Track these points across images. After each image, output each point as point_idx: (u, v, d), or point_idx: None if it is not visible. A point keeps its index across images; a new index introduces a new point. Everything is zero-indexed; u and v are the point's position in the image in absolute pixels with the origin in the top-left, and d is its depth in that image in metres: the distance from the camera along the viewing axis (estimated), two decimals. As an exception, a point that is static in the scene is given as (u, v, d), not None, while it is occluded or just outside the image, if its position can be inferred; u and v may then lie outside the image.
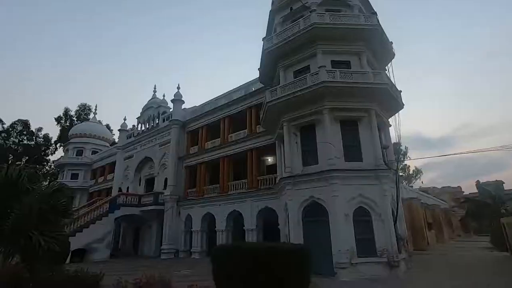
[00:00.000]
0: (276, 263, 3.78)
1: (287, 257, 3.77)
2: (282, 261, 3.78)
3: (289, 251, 3.84)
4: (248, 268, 3.70)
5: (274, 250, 3.81)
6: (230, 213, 18.16)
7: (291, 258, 3.79)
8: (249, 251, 3.78)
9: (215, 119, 21.65)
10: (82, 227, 19.30)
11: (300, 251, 3.98)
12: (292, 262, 3.77)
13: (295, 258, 3.81)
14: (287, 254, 3.80)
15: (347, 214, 10.98)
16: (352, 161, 11.85)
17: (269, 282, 3.69)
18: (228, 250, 4.20)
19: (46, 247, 6.41)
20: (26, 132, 43.77)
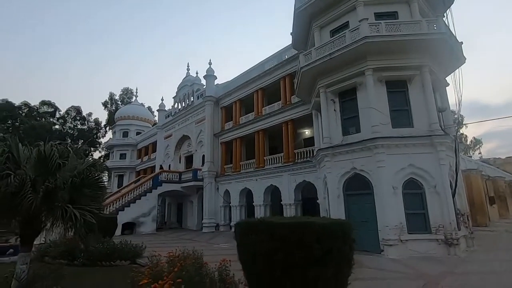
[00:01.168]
0: (307, 241, 3.06)
1: (320, 234, 3.01)
2: (314, 239, 3.04)
3: (322, 227, 3.06)
4: (271, 247, 3.04)
5: (304, 226, 3.07)
6: (267, 187, 17.79)
7: (325, 235, 3.01)
8: (272, 226, 3.10)
9: (248, 93, 20.90)
10: (129, 202, 20.56)
11: (338, 226, 3.16)
12: (327, 240, 3.01)
13: (330, 235, 3.02)
14: (320, 231, 3.03)
15: (395, 187, 9.79)
16: (401, 127, 10.39)
17: (300, 264, 3.00)
18: (249, 225, 3.57)
19: (82, 220, 6.47)
20: (79, 118, 47.60)
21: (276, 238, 3.20)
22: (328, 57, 11.32)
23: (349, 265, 3.55)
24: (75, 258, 10.33)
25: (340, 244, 3.34)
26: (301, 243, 3.14)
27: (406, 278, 6.79)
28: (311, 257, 3.14)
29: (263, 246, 3.28)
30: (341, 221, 3.62)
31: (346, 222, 3.69)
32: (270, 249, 3.22)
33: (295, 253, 3.13)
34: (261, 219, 3.73)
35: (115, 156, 38.48)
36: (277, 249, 3.18)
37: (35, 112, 43.41)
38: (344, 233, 3.43)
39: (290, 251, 3.15)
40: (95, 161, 7.99)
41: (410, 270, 7.55)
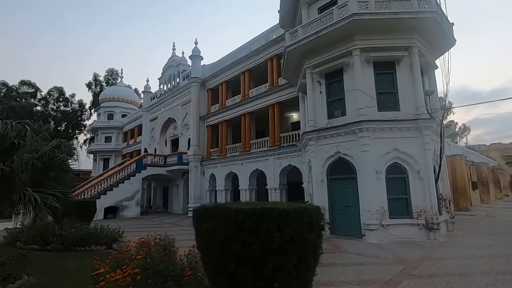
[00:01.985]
0: (267, 228, 2.71)
1: (281, 221, 2.67)
2: (274, 226, 2.69)
3: (283, 213, 2.70)
4: (226, 235, 2.68)
5: (262, 212, 2.71)
6: (253, 172, 17.49)
7: (287, 222, 2.67)
8: (228, 212, 2.72)
9: (235, 74, 20.17)
10: (112, 186, 20.03)
11: (303, 212, 2.81)
12: (289, 227, 2.67)
13: (293, 222, 2.67)
14: (281, 217, 2.68)
15: (379, 172, 9.59)
16: (387, 111, 10.09)
17: (258, 254, 2.65)
18: (205, 211, 3.18)
19: (42, 203, 6.00)
20: (62, 99, 45.74)
21: (231, 225, 2.84)
22: (314, 36, 10.75)
23: (315, 254, 3.23)
24: (48, 243, 9.91)
25: (305, 232, 3.00)
26: (259, 231, 2.78)
27: (384, 263, 6.65)
28: (271, 247, 2.79)
29: (218, 234, 2.92)
30: (307, 206, 3.26)
31: (314, 207, 3.34)
32: (225, 238, 2.86)
33: (253, 242, 2.77)
34: (217, 204, 3.35)
35: (100, 139, 37.42)
36: (232, 237, 2.82)
37: (14, 93, 41.43)
38: (311, 219, 3.08)
39: (247, 240, 2.79)
40: (60, 142, 7.43)
41: (389, 255, 7.44)
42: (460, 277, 5.50)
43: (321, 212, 3.38)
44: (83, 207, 13.28)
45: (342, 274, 5.85)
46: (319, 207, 3.42)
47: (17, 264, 6.32)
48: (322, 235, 3.39)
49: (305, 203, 12.40)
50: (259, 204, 3.16)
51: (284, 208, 2.90)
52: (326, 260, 7.01)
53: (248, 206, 2.94)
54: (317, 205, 3.54)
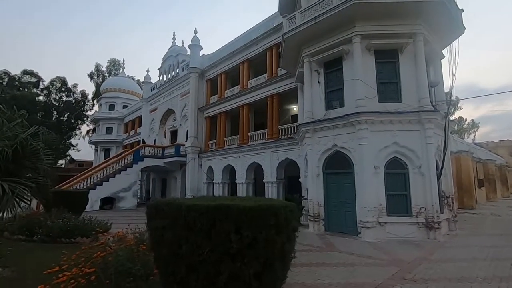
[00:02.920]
0: (222, 229, 2.25)
1: (240, 221, 2.21)
2: (231, 227, 2.23)
3: (244, 211, 2.24)
4: (175, 236, 2.23)
5: (217, 210, 2.25)
6: (250, 165, 17.05)
7: (247, 222, 2.21)
8: (178, 209, 2.28)
9: (234, 64, 19.59)
10: (109, 177, 19.80)
11: (269, 211, 2.35)
12: (250, 228, 2.21)
13: (256, 222, 2.21)
14: (240, 216, 2.22)
15: (377, 166, 9.06)
16: (388, 102, 9.49)
17: (211, 259, 2.20)
18: (156, 206, 2.73)
19: (10, 193, 5.63)
20: (64, 89, 45.57)
21: (181, 224, 2.39)
22: (313, 21, 10.13)
23: (284, 261, 2.77)
24: (34, 234, 9.68)
25: (271, 234, 2.54)
26: (212, 232, 2.32)
27: (377, 264, 6.18)
28: (227, 251, 2.33)
29: (167, 234, 2.47)
30: (276, 203, 2.79)
31: (285, 204, 2.87)
32: (174, 239, 2.41)
33: (205, 245, 2.31)
34: (170, 200, 2.90)
35: (101, 130, 37.29)
36: (182, 239, 2.37)
37: (17, 82, 41.38)
38: (278, 219, 2.61)
39: (198, 243, 2.33)
40: (37, 129, 7.06)
41: (384, 255, 6.97)
42: (458, 283, 5.01)
43: (294, 210, 2.91)
44: (74, 198, 13.05)
45: (329, 276, 5.41)
46: (292, 204, 2.96)
47: (-9, 256, 6.03)
48: (294, 238, 2.93)
49: (302, 198, 12.02)
50: (219, 199, 2.69)
51: (245, 206, 2.44)
52: (315, 259, 6.60)
53: (201, 202, 2.48)
54: (290, 202, 3.06)
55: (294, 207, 2.95)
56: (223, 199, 2.75)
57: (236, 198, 3.30)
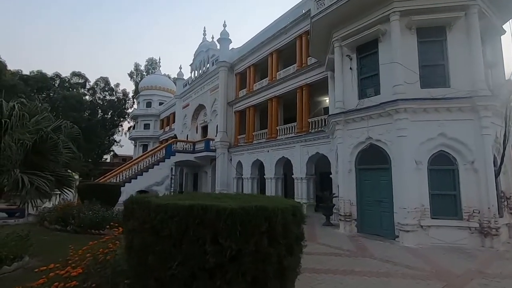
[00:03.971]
0: (196, 236, 1.72)
1: (218, 226, 1.65)
2: (208, 233, 1.68)
3: (225, 213, 1.69)
4: (143, 241, 1.75)
5: (190, 210, 1.73)
6: (279, 159, 16.39)
7: (229, 228, 1.64)
8: (147, 208, 1.79)
9: (263, 56, 18.95)
10: (142, 171, 20.47)
11: (259, 213, 1.76)
12: (235, 236, 1.65)
13: (242, 228, 1.64)
14: (218, 221, 1.67)
15: (419, 162, 7.91)
16: (432, 87, 8.21)
17: (182, 274, 1.68)
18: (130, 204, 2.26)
19: (28, 185, 5.69)
20: (107, 89, 48.51)
21: (147, 228, 1.89)
22: (343, 0, 9.11)
23: (283, 279, 2.15)
24: (68, 224, 10.14)
25: (262, 245, 1.93)
26: (183, 239, 1.79)
27: (416, 277, 5.24)
28: (202, 265, 1.78)
29: (136, 239, 1.99)
30: (272, 204, 2.15)
31: (285, 206, 2.23)
32: (141, 246, 1.93)
33: (174, 257, 1.79)
34: (143, 196, 2.41)
35: (139, 126, 39.13)
36: (149, 246, 1.87)
37: (67, 83, 44.93)
38: (272, 225, 2.00)
39: (167, 253, 1.82)
40: (61, 124, 7.16)
41: (426, 265, 5.95)
42: (526, 308, 3.96)
43: (298, 213, 2.27)
44: (107, 191, 13.53)
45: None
46: (295, 206, 2.32)
47: (17, 245, 6.21)
48: (299, 249, 2.30)
49: (333, 195, 11.13)
50: (203, 198, 2.16)
51: (225, 207, 1.86)
52: (342, 266, 5.83)
53: (174, 201, 1.95)
54: (295, 203, 2.42)
55: (298, 209, 2.31)
56: (207, 198, 2.21)
57: (226, 196, 2.75)
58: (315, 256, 6.47)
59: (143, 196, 2.45)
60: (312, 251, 6.95)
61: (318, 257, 6.44)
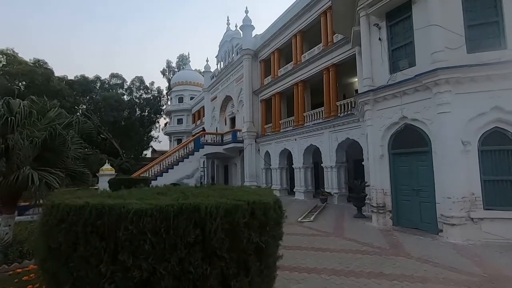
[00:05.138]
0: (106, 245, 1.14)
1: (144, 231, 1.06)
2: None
3: (147, 214, 1.12)
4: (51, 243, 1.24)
5: (99, 210, 1.15)
6: (307, 148, 15.47)
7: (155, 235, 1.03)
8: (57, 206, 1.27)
9: (286, 39, 17.91)
10: (173, 164, 20.84)
11: (192, 214, 1.13)
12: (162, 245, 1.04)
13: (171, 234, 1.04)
14: (141, 224, 1.08)
15: (466, 142, 6.59)
16: (482, 51, 6.74)
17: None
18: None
19: (38, 182, 5.68)
20: (142, 87, 50.64)
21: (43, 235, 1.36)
22: (367, -40, 7.87)
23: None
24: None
25: (191, 260, 1.31)
26: (75, 255, 1.23)
27: (462, 283, 4.22)
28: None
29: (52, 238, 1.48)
30: (201, 201, 1.47)
31: (245, 201, 1.56)
32: (41, 256, 1.41)
33: (65, 280, 1.24)
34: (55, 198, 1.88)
35: (173, 121, 40.32)
36: (44, 260, 1.35)
37: (106, 85, 47.73)
38: (208, 231, 1.35)
39: (55, 274, 1.27)
40: (71, 119, 7.14)
41: (476, 267, 4.85)
42: None
43: (263, 211, 1.59)
44: (136, 184, 13.82)
45: (383, 297, 3.81)
46: (261, 201, 1.63)
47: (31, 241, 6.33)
48: (260, 268, 1.61)
49: (364, 184, 10.05)
50: (128, 195, 1.57)
51: (130, 207, 1.27)
52: (370, 266, 4.96)
53: (74, 200, 1.39)
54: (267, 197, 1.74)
55: (264, 207, 1.63)
56: (149, 194, 1.63)
57: (175, 191, 2.14)
58: (338, 254, 5.69)
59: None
60: (335, 247, 6.17)
61: (341, 255, 5.64)
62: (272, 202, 1.79)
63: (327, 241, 6.76)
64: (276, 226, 1.81)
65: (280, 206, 1.88)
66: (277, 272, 4.71)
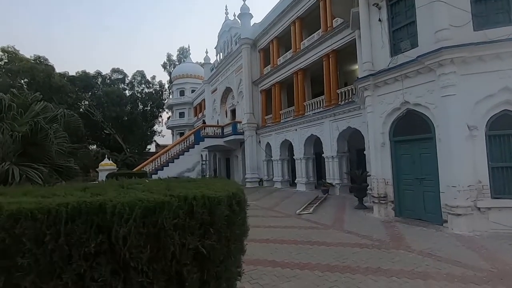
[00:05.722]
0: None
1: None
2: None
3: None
4: None
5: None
6: (308, 138, 15.06)
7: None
8: None
9: (285, 26, 17.33)
10: (173, 158, 20.63)
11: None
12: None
13: None
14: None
15: (473, 127, 6.14)
16: (490, 28, 6.22)
17: None
18: None
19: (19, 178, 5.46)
20: (144, 82, 50.31)
21: None
22: None
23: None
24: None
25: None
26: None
27: (467, 279, 3.87)
28: None
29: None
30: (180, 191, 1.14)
31: (196, 194, 1.22)
32: None
33: None
34: None
35: (175, 115, 40.08)
36: None
37: (108, 80, 47.51)
38: (115, 238, 1.01)
39: None
40: (56, 113, 6.87)
41: (482, 261, 4.49)
42: None
43: (201, 208, 1.25)
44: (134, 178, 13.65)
45: (378, 296, 3.48)
46: (201, 196, 1.29)
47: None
48: (223, 269, 1.27)
49: (366, 174, 9.66)
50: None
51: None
52: (367, 261, 4.62)
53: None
54: (218, 192, 1.39)
55: (213, 203, 1.28)
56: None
57: (111, 185, 1.81)
58: (335, 248, 5.37)
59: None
60: (333, 241, 5.85)
61: (338, 249, 5.32)
62: (225, 196, 1.45)
63: (324, 234, 6.44)
64: (232, 226, 1.47)
65: (240, 201, 1.54)
66: (265, 270, 4.44)
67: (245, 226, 1.67)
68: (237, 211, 1.53)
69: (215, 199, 1.38)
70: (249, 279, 4.14)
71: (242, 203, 1.61)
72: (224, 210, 1.39)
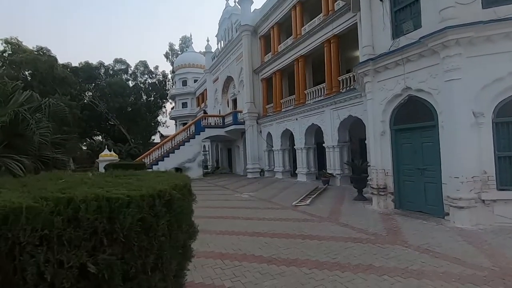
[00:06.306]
0: None
1: None
2: None
3: None
4: None
5: None
6: (309, 127, 14.66)
7: None
8: None
9: (286, 11, 16.68)
10: (174, 148, 20.47)
11: None
12: None
13: None
14: None
15: (479, 113, 5.70)
16: (500, 4, 5.68)
17: None
18: None
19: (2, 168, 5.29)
20: (147, 72, 49.99)
21: None
22: None
23: None
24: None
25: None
26: None
27: (467, 278, 3.55)
28: None
29: None
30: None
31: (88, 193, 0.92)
32: None
33: None
34: None
35: (177, 105, 39.84)
36: None
37: (111, 71, 47.29)
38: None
39: None
40: (41, 103, 6.63)
41: (484, 257, 4.16)
42: None
43: (117, 208, 0.96)
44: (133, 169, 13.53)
45: (365, 298, 3.20)
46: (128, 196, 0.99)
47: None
48: None
49: (365, 164, 9.29)
50: None
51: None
52: (359, 258, 4.33)
53: None
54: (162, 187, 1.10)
55: (113, 207, 0.99)
56: None
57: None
58: (327, 243, 5.08)
59: None
60: (326, 235, 5.57)
61: (329, 243, 5.04)
62: (140, 196, 1.15)
63: (318, 227, 6.16)
64: (154, 233, 1.18)
65: (170, 200, 1.25)
66: (250, 266, 4.19)
67: (181, 231, 1.37)
68: (162, 213, 1.24)
69: (118, 200, 1.08)
70: (231, 276, 3.91)
71: (174, 202, 1.32)
72: (135, 214, 1.10)
